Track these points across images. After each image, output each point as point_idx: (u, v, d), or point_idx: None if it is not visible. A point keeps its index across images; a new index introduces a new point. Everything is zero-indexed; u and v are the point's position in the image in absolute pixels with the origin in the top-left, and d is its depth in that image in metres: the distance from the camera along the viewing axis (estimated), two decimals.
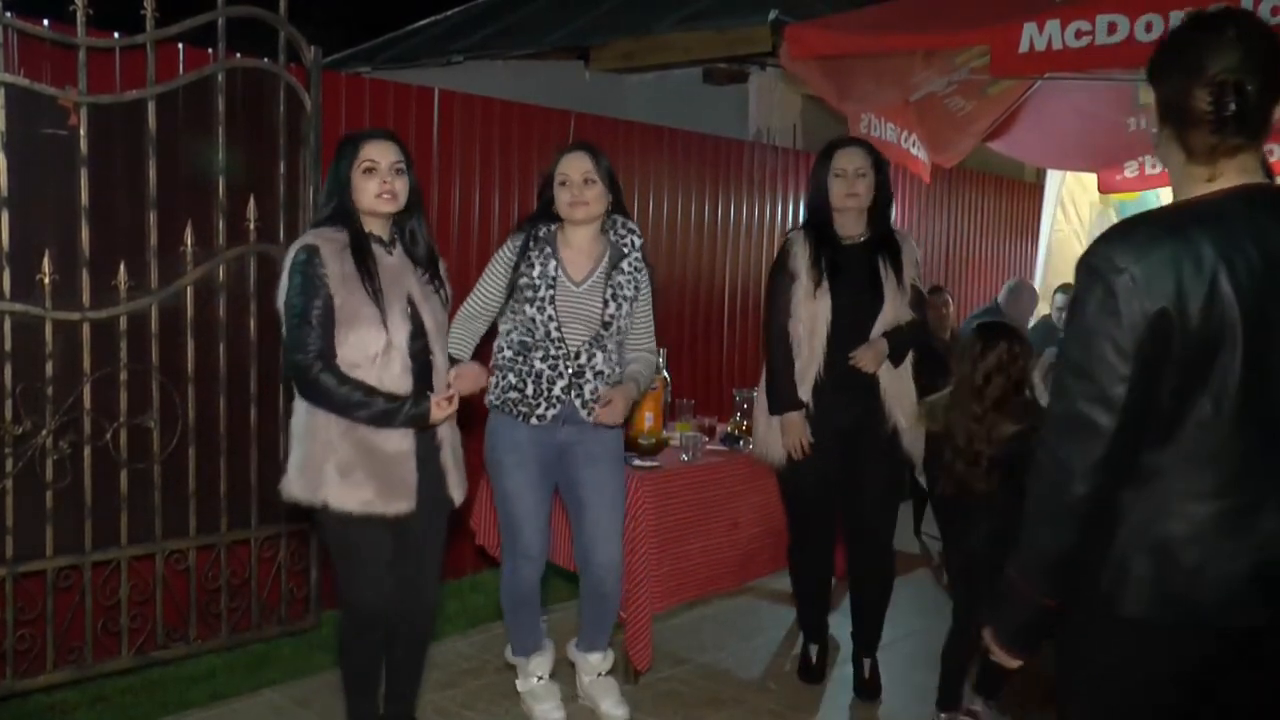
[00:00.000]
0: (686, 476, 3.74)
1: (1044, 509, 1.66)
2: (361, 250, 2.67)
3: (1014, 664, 1.77)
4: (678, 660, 3.88)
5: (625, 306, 3.19)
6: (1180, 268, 1.54)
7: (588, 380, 3.15)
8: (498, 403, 3.20)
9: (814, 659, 3.75)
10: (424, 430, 2.75)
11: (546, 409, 3.13)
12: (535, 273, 3.12)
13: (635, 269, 3.22)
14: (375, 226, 2.75)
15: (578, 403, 3.15)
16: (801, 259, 3.47)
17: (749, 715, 3.47)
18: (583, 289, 3.15)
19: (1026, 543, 1.69)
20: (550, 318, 3.10)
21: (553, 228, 3.18)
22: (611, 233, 3.22)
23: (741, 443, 4.05)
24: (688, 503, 3.72)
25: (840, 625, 3.94)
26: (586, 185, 3.11)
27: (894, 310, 3.46)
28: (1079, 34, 3.78)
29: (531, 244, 3.15)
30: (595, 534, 3.25)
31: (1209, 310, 1.54)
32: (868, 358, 3.40)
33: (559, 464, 3.23)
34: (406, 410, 2.64)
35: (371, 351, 2.63)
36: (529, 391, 3.13)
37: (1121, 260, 1.57)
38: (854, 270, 3.46)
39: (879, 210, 3.50)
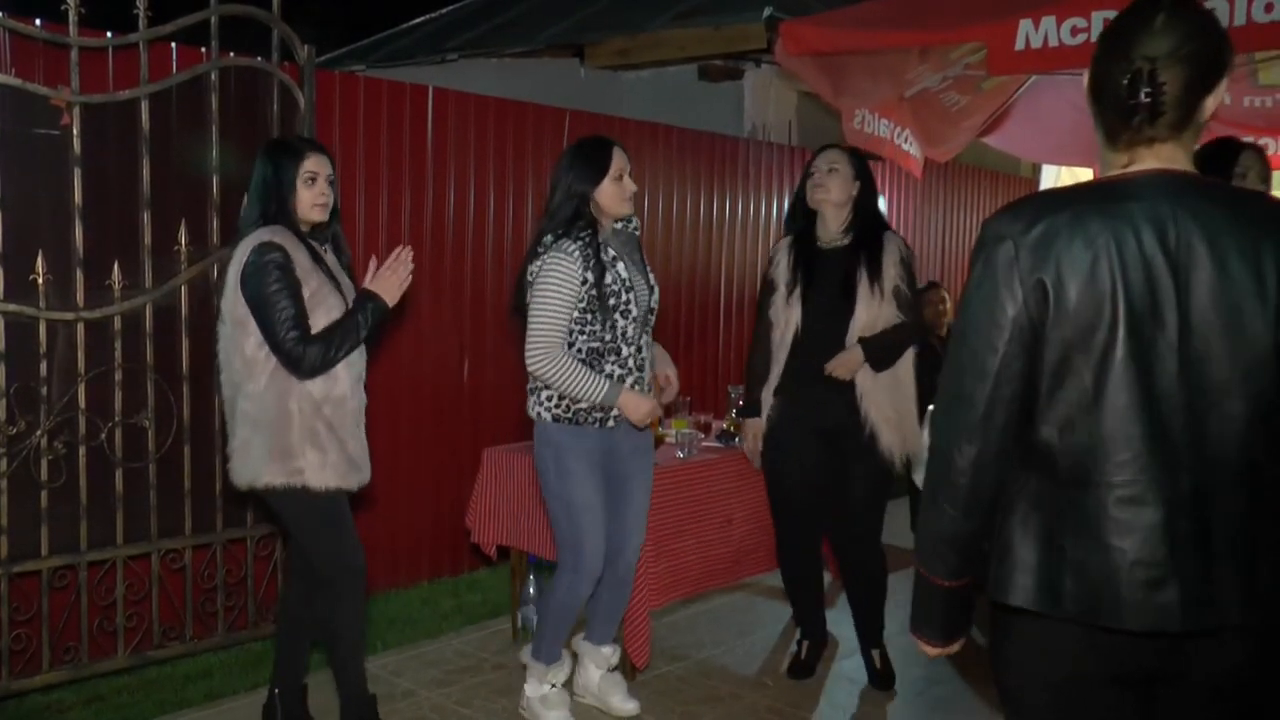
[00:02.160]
0: (682, 473, 3.74)
1: (931, 485, 1.63)
2: (312, 248, 2.83)
3: (932, 652, 1.73)
4: (675, 657, 3.88)
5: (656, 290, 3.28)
6: (1063, 243, 1.51)
7: (646, 371, 3.20)
8: (566, 415, 3.11)
9: (803, 655, 3.75)
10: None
11: (617, 411, 3.12)
12: (609, 280, 3.06)
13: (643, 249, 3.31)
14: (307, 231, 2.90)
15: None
16: (782, 267, 3.56)
17: (746, 711, 3.47)
18: (634, 282, 3.16)
19: (919, 522, 1.67)
20: (633, 319, 3.10)
21: (592, 231, 3.10)
22: (614, 222, 3.23)
23: (737, 440, 4.05)
24: (683, 500, 3.72)
25: (838, 621, 3.94)
26: (631, 180, 3.17)
27: (868, 314, 3.41)
28: (1075, 31, 3.77)
29: (590, 252, 3.05)
30: (635, 525, 3.28)
31: (1089, 287, 1.49)
32: (839, 366, 3.41)
33: (608, 462, 3.22)
34: (366, 308, 2.81)
35: None
36: None
37: (1006, 230, 1.55)
38: (829, 275, 3.48)
39: (862, 211, 3.51)
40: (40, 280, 3.25)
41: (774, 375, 3.54)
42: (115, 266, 3.39)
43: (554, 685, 3.33)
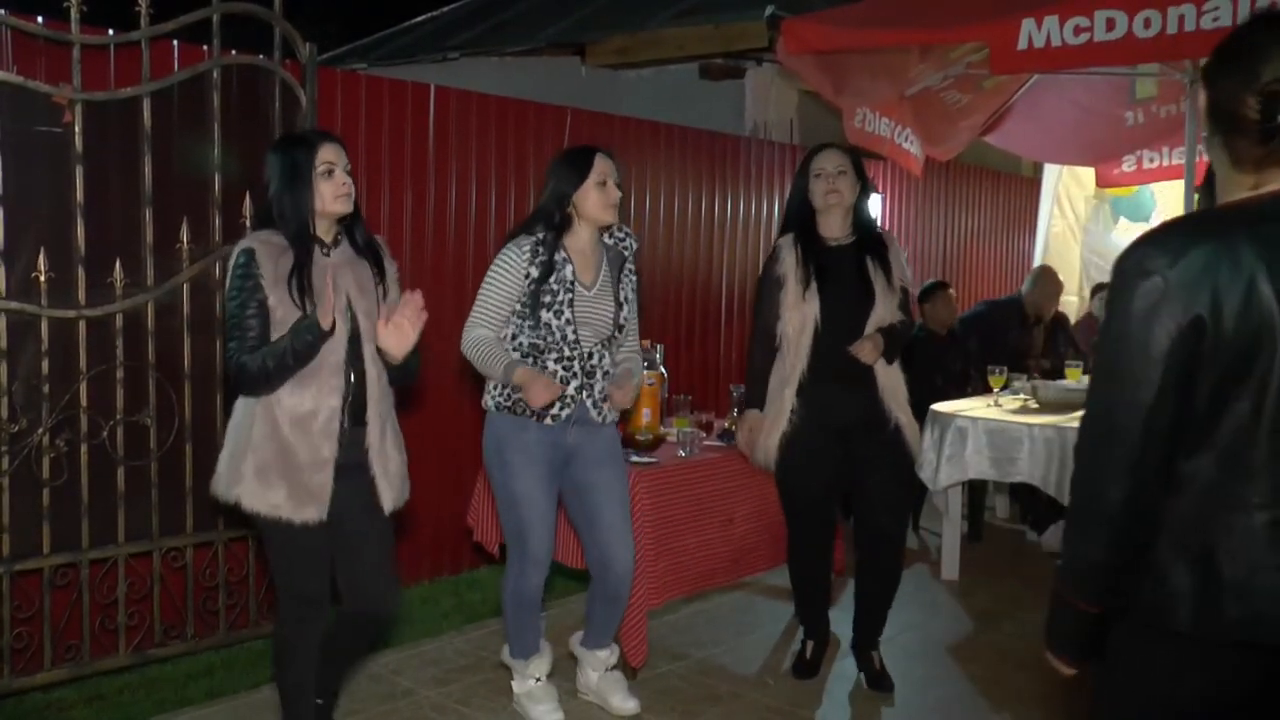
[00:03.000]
0: (683, 472, 3.74)
1: (1080, 515, 1.62)
2: (303, 252, 2.64)
3: (1067, 671, 1.73)
4: (675, 656, 3.88)
5: (631, 309, 3.26)
6: (1215, 270, 1.50)
7: (598, 381, 3.18)
8: (507, 404, 3.15)
9: (808, 654, 3.75)
10: (321, 344, 2.60)
11: (560, 409, 3.13)
12: (552, 279, 3.11)
13: (632, 272, 3.29)
14: (321, 229, 2.72)
15: (589, 403, 3.17)
16: (789, 263, 3.53)
17: (746, 710, 3.47)
18: (593, 292, 3.17)
19: (1065, 549, 1.66)
20: (568, 321, 3.11)
21: (554, 233, 3.14)
22: (608, 235, 3.24)
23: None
24: (684, 498, 3.72)
25: (839, 620, 3.94)
26: (617, 188, 3.17)
27: (885, 309, 3.48)
28: (1077, 30, 3.77)
29: (540, 250, 3.12)
30: (613, 539, 3.25)
31: (1245, 314, 1.49)
32: (866, 349, 3.42)
33: (565, 468, 3.23)
34: (303, 327, 2.55)
35: None
36: None
37: (1153, 264, 1.53)
38: (842, 271, 3.50)
39: (861, 212, 3.56)
40: (42, 278, 3.24)
41: (797, 373, 3.49)
42: (117, 264, 3.39)
43: (538, 679, 3.33)
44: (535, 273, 3.10)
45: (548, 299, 3.10)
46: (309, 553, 2.72)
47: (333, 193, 2.68)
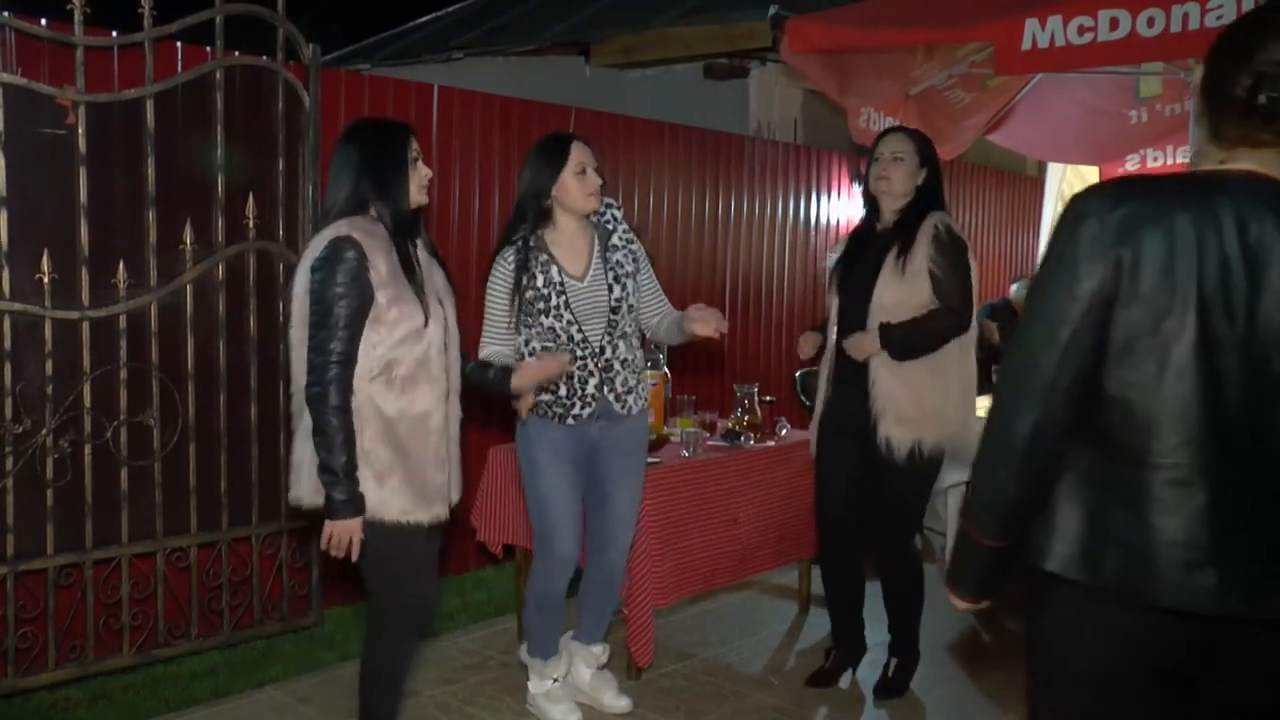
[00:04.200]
0: (687, 472, 3.74)
1: (988, 447, 1.66)
2: (408, 244, 2.56)
3: (963, 606, 1.78)
4: (680, 656, 3.88)
5: (630, 284, 3.17)
6: (1146, 227, 1.53)
7: (617, 373, 3.15)
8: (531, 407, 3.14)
9: (827, 663, 3.69)
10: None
11: (582, 408, 3.13)
12: (540, 283, 3.06)
13: (626, 242, 3.19)
14: None
15: (610, 397, 3.15)
16: (835, 257, 3.55)
17: (751, 710, 3.46)
18: (587, 282, 3.12)
19: (973, 482, 1.70)
20: (570, 322, 3.08)
21: (538, 233, 3.10)
22: (593, 214, 3.19)
23: (742, 438, 4.05)
24: (688, 498, 3.71)
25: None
26: (596, 174, 3.11)
27: (891, 296, 3.27)
28: (1081, 30, 3.76)
29: (524, 255, 3.08)
30: (616, 522, 3.26)
31: (1165, 275, 1.52)
32: (854, 342, 3.30)
33: (588, 460, 3.22)
34: (347, 494, 2.46)
35: (418, 353, 2.57)
36: (562, 393, 3.11)
37: (1092, 208, 1.57)
38: (866, 259, 3.40)
39: (924, 195, 3.41)
40: (45, 279, 3.25)
41: (828, 367, 3.48)
42: (120, 265, 3.40)
43: (556, 680, 3.33)
44: (523, 280, 3.06)
45: (542, 304, 3.07)
46: (425, 559, 2.64)
47: (419, 183, 2.64)
